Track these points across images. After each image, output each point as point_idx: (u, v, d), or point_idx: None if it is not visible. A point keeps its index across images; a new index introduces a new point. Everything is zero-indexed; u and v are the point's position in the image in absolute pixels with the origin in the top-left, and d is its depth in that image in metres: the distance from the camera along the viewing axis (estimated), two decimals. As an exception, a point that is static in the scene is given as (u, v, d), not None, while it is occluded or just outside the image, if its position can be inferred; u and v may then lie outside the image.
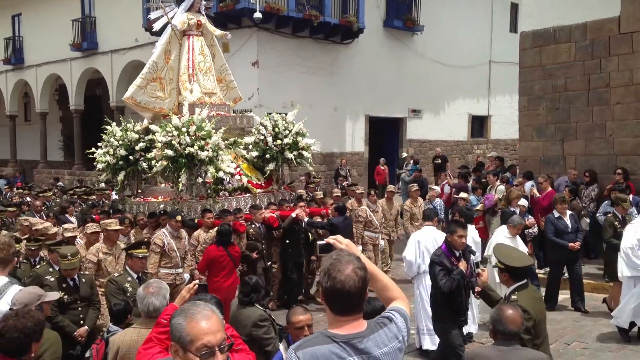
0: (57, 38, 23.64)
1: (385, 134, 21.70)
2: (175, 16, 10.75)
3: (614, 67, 11.60)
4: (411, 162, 17.76)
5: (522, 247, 8.16)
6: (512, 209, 10.01)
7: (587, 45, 11.98)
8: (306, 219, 9.15)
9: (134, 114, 12.95)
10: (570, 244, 8.75)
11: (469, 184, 14.06)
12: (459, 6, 22.31)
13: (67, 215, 11.31)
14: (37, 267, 6.49)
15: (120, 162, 10.09)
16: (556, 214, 9.04)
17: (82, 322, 6.09)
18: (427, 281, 6.80)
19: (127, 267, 6.08)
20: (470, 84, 23.36)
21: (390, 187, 11.84)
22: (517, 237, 8.14)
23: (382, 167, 19.08)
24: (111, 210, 10.08)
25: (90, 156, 10.77)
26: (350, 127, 20.24)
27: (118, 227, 7.62)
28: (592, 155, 12.01)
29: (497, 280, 5.57)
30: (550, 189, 11.33)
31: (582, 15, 12.00)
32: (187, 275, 8.26)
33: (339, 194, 11.97)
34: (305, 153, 10.55)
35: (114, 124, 10.37)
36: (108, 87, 22.46)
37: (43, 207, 12.31)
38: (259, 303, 5.16)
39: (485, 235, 12.21)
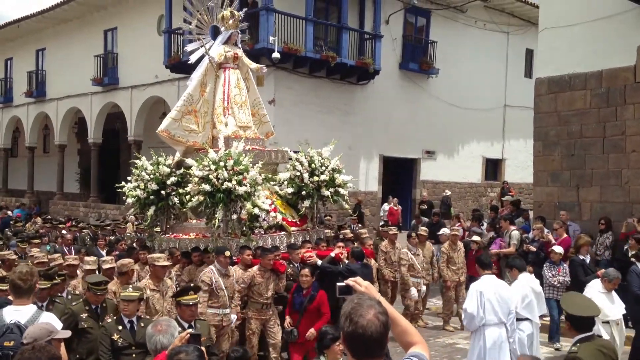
0: (79, 73, 24.17)
1: (399, 174, 21.76)
2: (212, 48, 10.54)
3: (630, 115, 11.64)
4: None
5: (619, 303, 7.55)
6: (581, 257, 9.50)
7: (603, 93, 12.05)
8: (319, 262, 8.70)
9: (153, 148, 13.04)
10: None
11: (483, 226, 14.00)
12: (474, 51, 22.58)
13: (98, 248, 11.28)
14: (73, 304, 6.14)
15: (151, 197, 9.67)
16: None
17: None
18: (487, 334, 6.46)
19: (178, 317, 5.64)
20: (485, 127, 23.46)
21: (422, 230, 11.61)
22: (613, 292, 7.54)
23: (395, 207, 19.07)
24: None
25: (120, 190, 10.43)
26: (364, 166, 20.34)
27: (166, 262, 7.26)
28: (608, 203, 11.95)
29: None
30: (565, 235, 11.26)
31: (598, 63, 12.12)
32: (234, 316, 7.85)
33: (351, 235, 11.83)
34: (341, 190, 10.22)
35: (144, 157, 10.06)
36: (127, 121, 22.81)
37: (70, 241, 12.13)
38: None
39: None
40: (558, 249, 9.89)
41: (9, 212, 21.29)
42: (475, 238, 11.88)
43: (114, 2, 22.73)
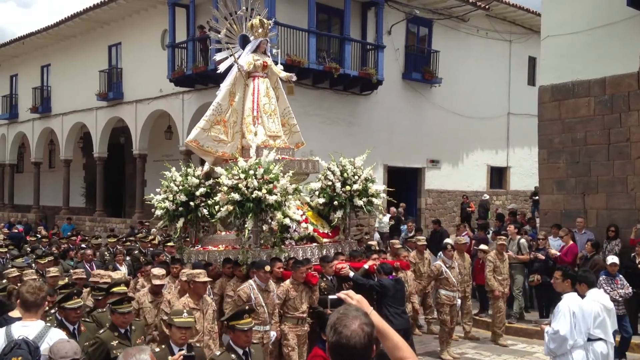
0: (84, 88, 24.32)
1: (403, 184, 21.73)
2: (241, 57, 10.26)
3: (634, 122, 11.63)
4: None
5: None
6: None
7: (607, 100, 12.05)
8: (352, 274, 8.47)
9: (158, 161, 13.07)
10: None
11: (489, 236, 13.98)
12: (477, 59, 22.64)
13: (116, 263, 11.09)
14: (100, 332, 5.69)
15: (180, 209, 9.37)
16: None
17: None
18: (575, 358, 6.10)
19: (230, 342, 5.25)
20: (489, 136, 23.47)
21: (462, 239, 11.43)
22: None
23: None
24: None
25: (149, 202, 10.14)
26: (369, 177, 20.32)
27: (207, 278, 6.92)
28: (614, 210, 11.92)
29: None
30: (571, 242, 11.23)
31: (601, 70, 12.14)
32: (273, 333, 7.53)
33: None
34: (375, 200, 9.87)
35: (173, 168, 9.72)
36: (132, 135, 22.91)
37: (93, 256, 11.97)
38: None
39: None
40: (615, 259, 9.29)
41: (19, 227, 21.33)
42: (482, 247, 11.83)
43: (117, 17, 22.89)
